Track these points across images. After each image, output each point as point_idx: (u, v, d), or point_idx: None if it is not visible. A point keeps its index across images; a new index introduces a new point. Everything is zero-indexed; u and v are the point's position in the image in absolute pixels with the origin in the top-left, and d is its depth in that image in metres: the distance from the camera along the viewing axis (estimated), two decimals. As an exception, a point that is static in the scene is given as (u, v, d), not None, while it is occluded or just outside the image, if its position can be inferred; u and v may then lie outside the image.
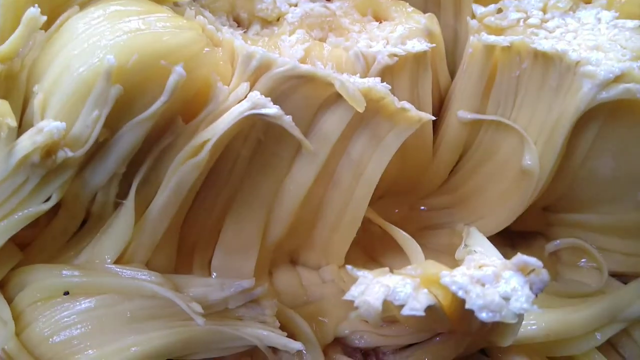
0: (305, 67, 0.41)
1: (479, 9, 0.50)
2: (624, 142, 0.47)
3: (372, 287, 0.36)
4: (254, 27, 0.52)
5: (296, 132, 0.41)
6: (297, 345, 0.44)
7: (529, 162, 0.47)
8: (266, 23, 0.52)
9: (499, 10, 0.50)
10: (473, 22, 0.49)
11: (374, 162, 0.46)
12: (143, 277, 0.43)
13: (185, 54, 0.39)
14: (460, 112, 0.50)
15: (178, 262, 0.47)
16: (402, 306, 0.35)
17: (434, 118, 0.44)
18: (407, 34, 0.47)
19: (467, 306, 0.33)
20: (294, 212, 0.47)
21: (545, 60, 0.45)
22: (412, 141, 0.51)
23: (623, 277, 0.52)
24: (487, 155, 0.52)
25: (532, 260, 0.35)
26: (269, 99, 0.41)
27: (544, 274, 0.35)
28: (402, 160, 0.53)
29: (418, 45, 0.46)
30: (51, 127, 0.37)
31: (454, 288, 0.34)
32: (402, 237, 0.51)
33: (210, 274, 0.48)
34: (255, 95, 0.40)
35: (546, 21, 0.49)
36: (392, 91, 0.48)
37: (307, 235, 0.50)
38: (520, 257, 0.35)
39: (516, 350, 0.46)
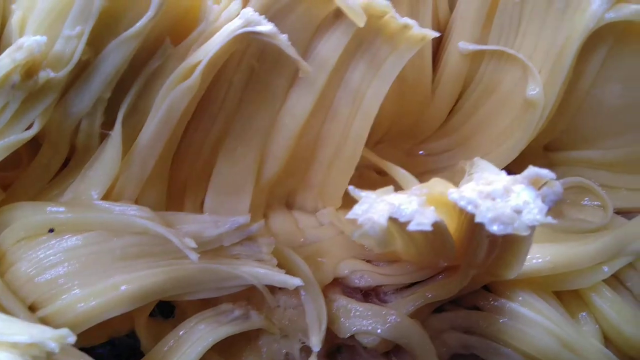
0: (302, -19, 0.39)
1: None
2: (633, 68, 0.45)
3: (376, 205, 0.34)
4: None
5: (292, 52, 0.39)
6: (296, 281, 0.42)
7: (532, 92, 0.45)
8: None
9: None
10: None
11: (372, 91, 0.44)
12: (133, 212, 0.41)
13: (172, -32, 0.37)
14: (461, 43, 0.48)
15: (169, 202, 0.45)
16: (407, 223, 0.33)
17: (438, 34, 0.42)
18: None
19: (477, 219, 0.31)
20: (290, 147, 0.45)
21: None
22: (411, 74, 0.50)
23: (628, 214, 0.51)
24: (489, 89, 0.50)
25: (544, 172, 0.33)
26: (264, 16, 0.39)
27: (557, 186, 0.34)
28: (400, 97, 0.51)
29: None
30: (31, 42, 0.35)
31: (462, 203, 0.32)
32: (403, 176, 0.49)
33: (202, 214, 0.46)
34: (249, 12, 0.38)
35: None
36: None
37: (303, 175, 0.48)
38: (531, 170, 0.34)
39: (521, 285, 0.45)
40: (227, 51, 0.39)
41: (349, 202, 0.51)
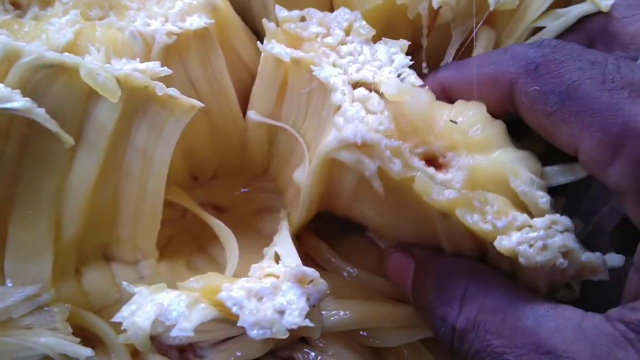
0: (52, 55, 0.38)
1: (281, 12, 0.46)
2: (380, 206, 0.46)
3: (143, 307, 0.36)
4: (32, 9, 0.49)
5: (51, 125, 0.39)
6: (86, 351, 0.42)
7: (297, 178, 0.46)
8: (45, 4, 0.49)
9: (302, 19, 0.47)
10: (270, 25, 0.46)
11: (159, 152, 0.44)
12: None
13: None
14: (250, 112, 0.49)
15: (-36, 270, 0.45)
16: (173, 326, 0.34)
17: (202, 105, 0.42)
18: (186, 9, 0.45)
19: (239, 323, 0.33)
20: (84, 207, 0.45)
21: (324, 87, 0.44)
22: (221, 122, 0.51)
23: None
24: (286, 156, 0.51)
25: (309, 271, 0.36)
26: (17, 91, 0.38)
27: (322, 284, 0.37)
28: (215, 139, 0.52)
29: (197, 21, 0.44)
30: None
31: (229, 304, 0.34)
32: (217, 227, 0.49)
33: (4, 281, 0.46)
34: (-1, 88, 0.38)
35: (344, 43, 0.46)
36: (185, 71, 0.47)
37: (111, 230, 0.48)
38: (298, 268, 0.36)
39: (332, 339, 0.46)
40: (-17, 127, 0.39)
41: (171, 252, 0.52)
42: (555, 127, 0.39)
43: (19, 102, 0.38)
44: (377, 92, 0.42)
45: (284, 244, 0.46)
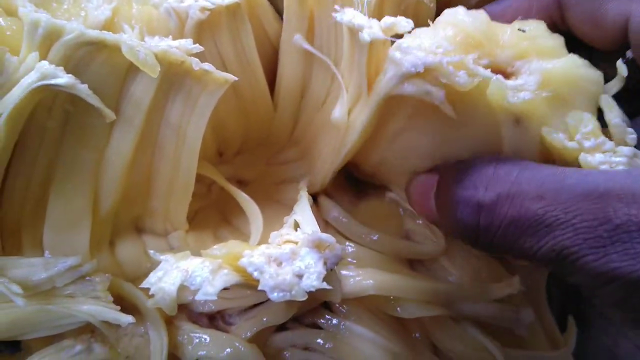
0: (94, 33, 0.40)
1: None
2: (435, 131, 0.46)
3: (170, 273, 0.38)
4: (66, -10, 0.51)
5: (94, 100, 0.41)
6: (127, 318, 0.45)
7: (336, 115, 0.47)
8: (80, -18, 0.51)
9: None
10: None
11: (192, 126, 0.45)
12: (-44, 262, 0.43)
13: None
14: (297, 36, 0.50)
15: (5, 244, 0.47)
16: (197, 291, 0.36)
17: (236, 79, 0.44)
18: (223, -18, 0.47)
19: (259, 287, 0.35)
20: (120, 181, 0.47)
21: (350, 29, 0.45)
22: (248, 93, 0.52)
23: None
24: (318, 103, 0.52)
25: (325, 237, 0.38)
26: (61, 68, 0.40)
27: (338, 249, 0.39)
28: (242, 113, 0.54)
29: (234, -12, 0.46)
30: None
31: (250, 269, 0.36)
32: (242, 199, 0.52)
33: (42, 252, 0.48)
34: (43, 66, 0.39)
35: None
36: (216, 46, 0.49)
37: (145, 203, 0.50)
38: (315, 234, 0.38)
39: (355, 305, 0.49)
40: (28, 102, 0.40)
41: (198, 224, 0.54)
42: (602, 5, 0.40)
43: (63, 78, 0.40)
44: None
45: (303, 212, 0.48)
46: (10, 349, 0.48)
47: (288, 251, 0.38)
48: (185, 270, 0.38)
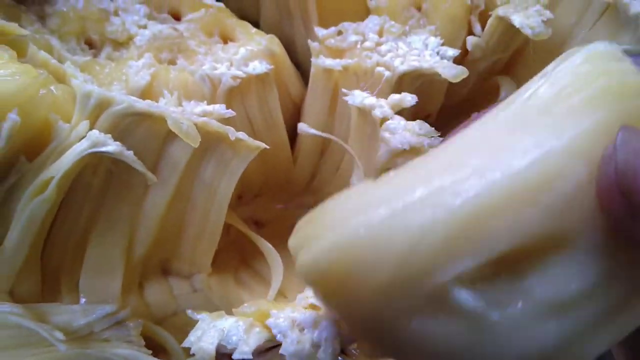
0: (141, 105, 0.44)
1: (320, 32, 0.54)
2: None
3: (208, 332, 0.42)
4: (105, 50, 0.55)
5: (138, 165, 0.45)
6: (157, 364, 0.49)
7: (354, 182, 0.52)
8: (117, 45, 0.55)
9: (339, 33, 0.54)
10: (314, 45, 0.53)
11: (223, 185, 0.50)
12: (5, 309, 0.47)
13: (19, 99, 0.42)
14: (301, 125, 0.55)
15: (45, 287, 0.51)
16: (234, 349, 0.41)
17: (267, 147, 0.49)
18: (249, 55, 0.51)
19: (281, 351, 0.40)
20: (154, 231, 0.51)
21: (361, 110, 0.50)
22: (272, 152, 0.56)
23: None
24: (335, 165, 0.57)
25: None
26: (109, 136, 0.44)
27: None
28: (264, 164, 0.58)
29: (259, 67, 0.51)
30: None
31: (275, 331, 0.41)
32: (263, 246, 0.56)
33: (78, 296, 0.52)
34: (95, 134, 0.44)
35: (380, 44, 0.53)
36: (245, 109, 0.53)
37: (174, 248, 0.55)
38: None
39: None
40: (78, 166, 0.45)
41: (219, 266, 0.59)
42: None
43: (112, 146, 0.44)
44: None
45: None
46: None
47: (311, 320, 0.41)
48: (221, 330, 0.42)
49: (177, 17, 0.56)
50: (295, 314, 0.41)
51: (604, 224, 0.23)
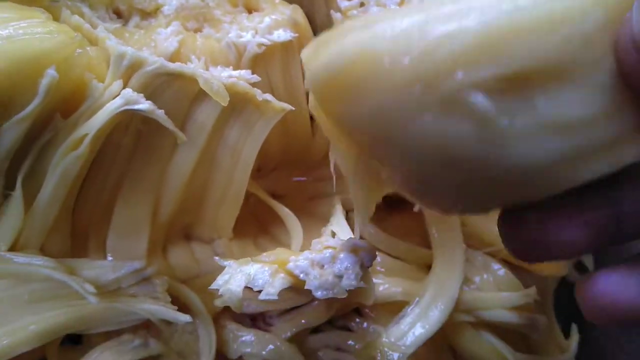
0: (173, 66, 0.47)
1: (343, 3, 0.55)
2: None
3: (235, 276, 0.44)
4: (133, 19, 0.57)
5: (169, 124, 0.47)
6: (185, 317, 0.51)
7: None
8: (145, 15, 0.57)
9: (362, 4, 0.56)
10: (337, 15, 0.55)
11: (247, 147, 0.52)
12: (37, 262, 0.49)
13: (57, 57, 0.44)
14: None
15: (73, 244, 0.53)
16: (260, 291, 0.43)
17: (292, 109, 0.51)
18: (273, 24, 0.54)
19: (306, 286, 0.42)
20: (179, 194, 0.54)
21: None
22: (292, 120, 0.59)
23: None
24: None
25: (359, 243, 0.45)
26: (142, 95, 0.47)
27: (371, 250, 0.45)
28: (285, 135, 0.60)
29: (283, 35, 0.53)
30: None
31: (296, 272, 0.43)
32: (283, 212, 0.58)
33: (105, 254, 0.54)
34: (128, 93, 0.46)
35: None
36: (268, 76, 0.55)
37: (197, 212, 0.57)
38: (351, 240, 0.45)
39: (383, 311, 0.56)
40: (111, 124, 0.47)
41: (239, 233, 0.61)
42: None
43: (144, 104, 0.46)
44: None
45: (339, 224, 0.55)
46: (74, 341, 0.55)
47: (328, 255, 0.44)
48: (248, 274, 0.44)
49: (202, -12, 0.59)
50: (312, 255, 0.44)
51: (613, 67, 0.26)
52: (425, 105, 0.26)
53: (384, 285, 0.56)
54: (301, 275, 0.43)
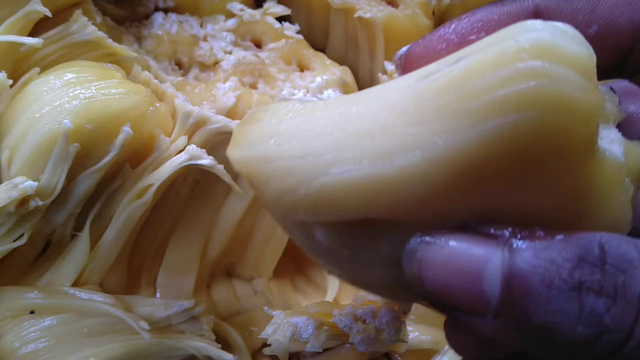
0: (234, 125, 0.52)
1: (389, 66, 0.61)
2: None
3: (282, 327, 0.49)
4: (193, 71, 0.63)
5: (227, 178, 0.52)
6: (229, 357, 0.56)
7: None
8: (204, 67, 0.63)
9: None
10: (384, 78, 0.61)
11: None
12: (98, 298, 0.54)
13: (133, 115, 0.50)
14: None
15: (128, 280, 0.59)
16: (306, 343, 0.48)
17: None
18: (324, 84, 0.59)
19: (350, 340, 0.47)
20: (228, 237, 0.59)
21: None
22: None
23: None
24: None
25: None
26: (204, 150, 0.52)
27: (408, 303, 0.49)
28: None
29: (332, 94, 0.58)
30: (25, 185, 0.47)
31: (340, 325, 0.47)
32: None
33: (155, 291, 0.59)
34: (192, 148, 0.51)
35: None
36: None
37: (241, 253, 0.62)
38: None
39: (410, 355, 0.60)
40: (174, 176, 0.52)
41: (276, 272, 0.66)
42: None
43: (206, 160, 0.51)
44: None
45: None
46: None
47: (370, 310, 0.49)
48: (294, 326, 0.49)
49: (258, 45, 0.64)
50: (355, 310, 0.49)
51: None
52: (296, 221, 0.31)
53: (414, 333, 0.60)
54: (345, 329, 0.47)
